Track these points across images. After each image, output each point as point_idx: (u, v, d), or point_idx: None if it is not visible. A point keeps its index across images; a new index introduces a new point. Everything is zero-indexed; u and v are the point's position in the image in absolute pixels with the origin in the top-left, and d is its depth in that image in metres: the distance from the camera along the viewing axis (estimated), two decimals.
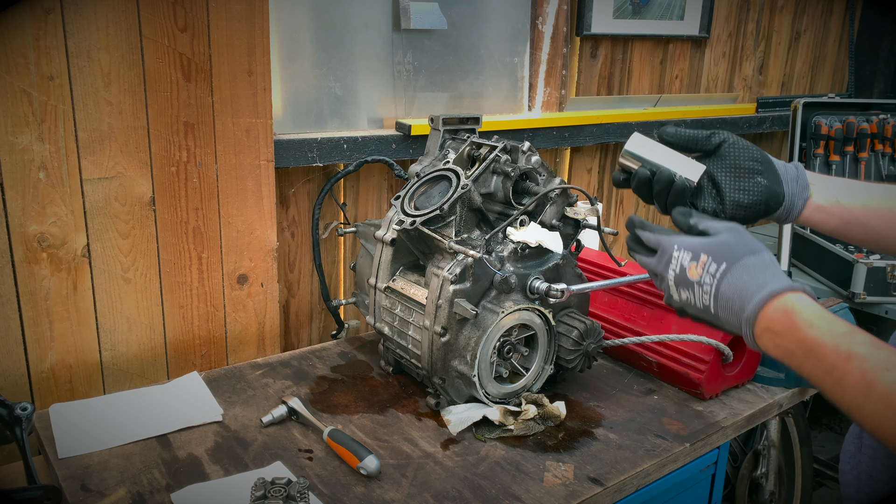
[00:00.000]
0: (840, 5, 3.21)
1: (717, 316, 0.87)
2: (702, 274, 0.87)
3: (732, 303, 0.84)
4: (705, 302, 0.88)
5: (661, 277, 0.94)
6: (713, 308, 0.87)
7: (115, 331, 1.51)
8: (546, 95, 2.24)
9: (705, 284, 0.87)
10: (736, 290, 0.84)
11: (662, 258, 0.93)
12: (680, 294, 0.91)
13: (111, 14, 1.36)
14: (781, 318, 0.80)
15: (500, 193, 1.40)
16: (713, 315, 0.88)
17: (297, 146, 1.70)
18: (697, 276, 0.88)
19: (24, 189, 1.34)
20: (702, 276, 0.87)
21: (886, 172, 2.60)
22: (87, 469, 1.17)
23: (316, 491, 1.14)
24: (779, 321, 0.80)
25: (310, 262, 1.87)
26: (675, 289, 0.92)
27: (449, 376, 1.36)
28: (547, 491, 1.16)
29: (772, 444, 2.28)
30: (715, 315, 0.87)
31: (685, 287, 0.90)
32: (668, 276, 0.92)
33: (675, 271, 0.91)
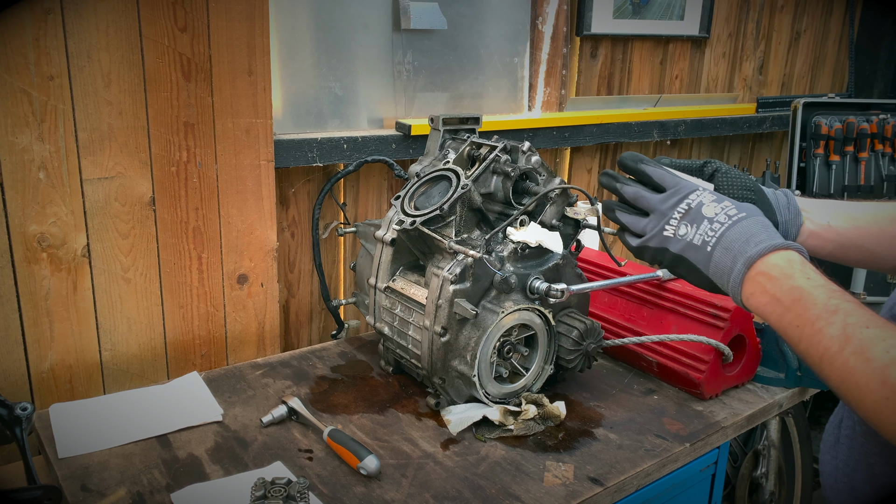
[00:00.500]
0: (840, 5, 3.21)
1: (708, 256, 0.87)
2: (718, 213, 0.88)
3: (735, 244, 0.85)
4: (707, 238, 0.87)
5: (662, 214, 0.93)
6: (711, 246, 0.87)
7: (115, 331, 1.51)
8: (546, 95, 2.24)
9: (717, 223, 0.87)
10: (746, 233, 0.85)
11: (675, 195, 0.93)
12: (678, 229, 0.91)
13: (111, 14, 1.36)
14: (780, 265, 0.82)
15: (500, 193, 1.40)
16: (704, 255, 0.88)
17: (297, 146, 1.70)
18: (713, 214, 0.88)
19: (24, 189, 1.34)
20: (717, 215, 0.88)
21: (886, 172, 2.60)
22: (87, 469, 1.17)
23: (316, 491, 1.14)
24: (777, 267, 0.82)
25: (310, 262, 1.87)
26: (676, 224, 0.91)
27: (449, 376, 1.36)
28: (547, 491, 1.16)
29: (772, 444, 2.28)
30: (707, 255, 0.87)
31: (692, 222, 0.89)
32: (675, 211, 0.91)
33: (691, 205, 0.91)
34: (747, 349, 1.49)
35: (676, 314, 1.52)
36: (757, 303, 0.83)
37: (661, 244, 0.93)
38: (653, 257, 0.95)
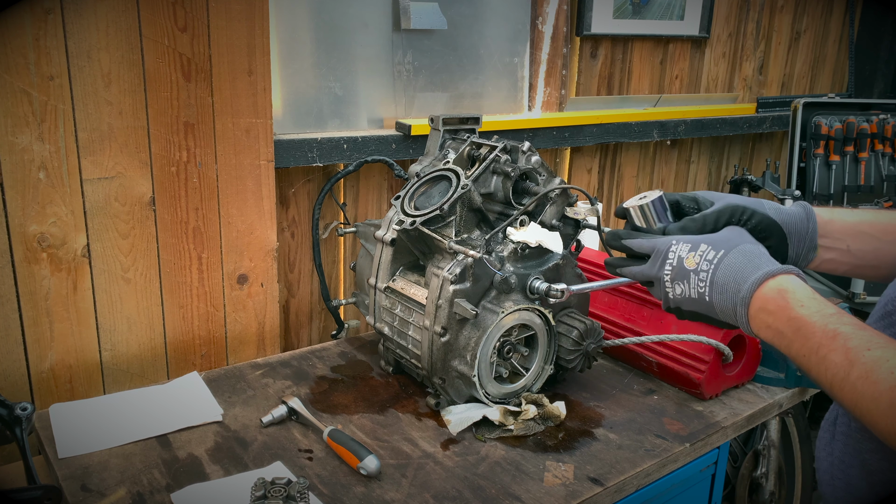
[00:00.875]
0: (840, 5, 3.21)
1: (710, 304, 0.89)
2: (699, 262, 0.90)
3: (728, 287, 0.87)
4: (700, 290, 0.89)
5: (657, 279, 0.95)
6: (708, 295, 0.89)
7: (115, 331, 1.51)
8: (546, 95, 2.24)
9: (702, 272, 0.89)
10: (732, 273, 0.87)
11: (658, 258, 0.95)
12: (675, 289, 0.93)
13: (111, 14, 1.36)
14: (775, 298, 0.82)
15: (500, 193, 1.40)
16: (707, 304, 0.89)
17: (297, 146, 1.70)
18: (695, 265, 0.90)
19: (24, 189, 1.34)
20: (699, 264, 0.90)
21: (886, 172, 2.60)
22: (87, 469, 1.17)
23: (316, 491, 1.14)
24: (772, 300, 0.82)
25: (310, 262, 1.87)
26: (670, 285, 0.93)
27: (449, 376, 1.36)
28: (547, 491, 1.16)
29: (772, 444, 2.28)
30: (709, 303, 0.89)
31: (681, 279, 0.91)
32: (664, 274, 0.93)
33: (673, 264, 0.92)
34: (747, 349, 1.49)
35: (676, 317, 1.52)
36: (765, 336, 0.85)
37: (673, 305, 0.95)
38: (680, 316, 0.97)
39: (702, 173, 2.89)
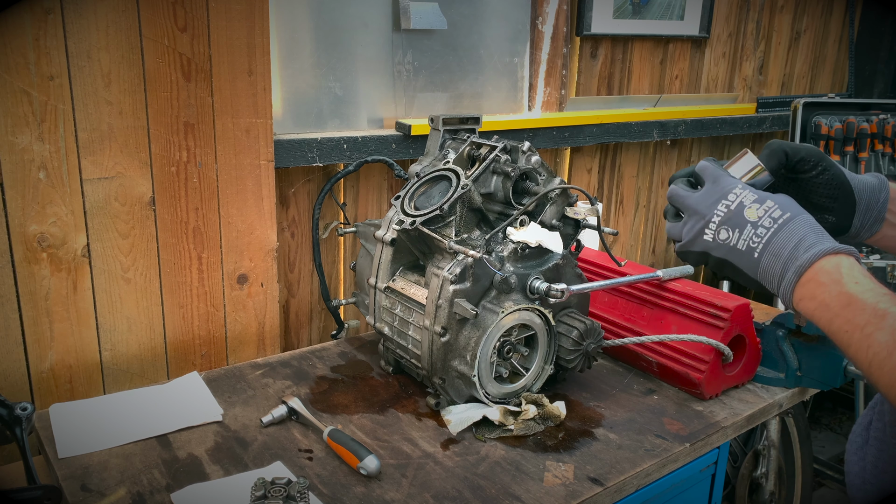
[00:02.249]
0: (840, 5, 3.21)
1: (756, 261, 0.85)
2: (762, 216, 0.86)
3: (786, 249, 0.83)
4: (753, 244, 0.85)
5: (703, 216, 0.90)
6: (759, 251, 0.85)
7: (115, 331, 1.51)
8: (546, 95, 2.24)
9: (762, 227, 0.85)
10: (796, 237, 0.83)
11: (715, 193, 0.90)
12: (718, 233, 0.88)
13: (111, 14, 1.36)
14: (830, 270, 0.80)
15: (500, 193, 1.40)
16: (752, 260, 0.86)
17: (297, 146, 1.70)
18: (757, 217, 0.86)
19: (24, 189, 1.34)
20: (761, 219, 0.86)
21: (886, 172, 2.60)
22: (87, 469, 1.17)
23: (316, 491, 1.14)
24: (826, 272, 0.80)
25: (310, 262, 1.87)
26: (716, 227, 0.88)
27: (449, 376, 1.36)
28: (547, 491, 1.16)
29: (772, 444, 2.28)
30: (755, 260, 0.85)
31: (734, 226, 0.87)
32: (715, 213, 0.89)
33: (730, 208, 0.88)
34: (747, 349, 1.49)
35: (676, 314, 1.52)
36: (806, 307, 0.82)
37: (704, 248, 0.90)
38: (696, 261, 0.93)
39: None
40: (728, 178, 0.91)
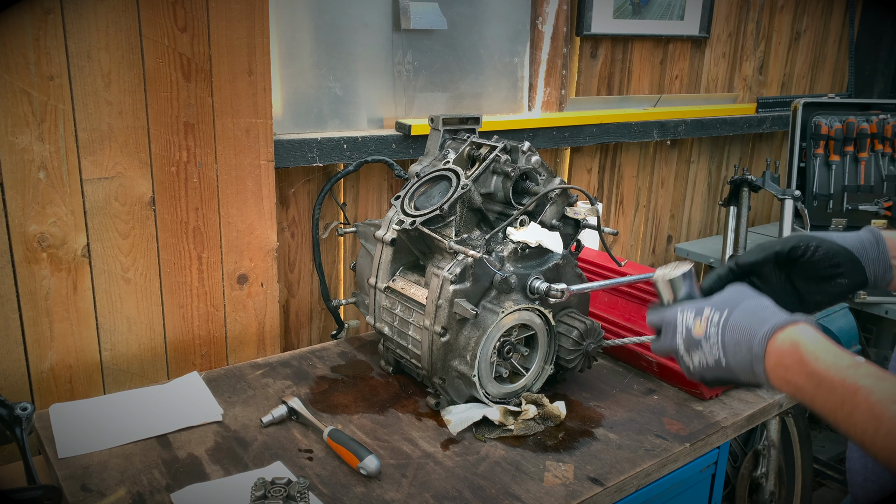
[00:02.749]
0: (840, 5, 3.21)
1: (729, 368, 0.86)
2: (706, 327, 0.87)
3: (740, 346, 0.84)
4: (715, 355, 0.86)
5: (675, 351, 0.92)
6: (724, 360, 0.86)
7: (115, 331, 1.51)
8: (546, 95, 2.24)
9: (711, 336, 0.86)
10: (740, 332, 0.84)
11: (668, 330, 0.93)
12: (693, 359, 0.90)
13: (111, 14, 1.36)
14: (789, 351, 0.79)
15: (500, 193, 1.40)
16: (726, 368, 0.86)
17: (297, 146, 1.70)
18: (703, 331, 0.87)
19: (24, 189, 1.34)
20: (707, 330, 0.87)
21: (886, 172, 2.60)
22: (87, 469, 1.17)
23: (316, 491, 1.14)
24: (787, 354, 0.80)
25: (310, 262, 1.87)
26: (687, 356, 0.90)
27: (449, 376, 1.36)
28: (547, 491, 1.16)
29: (772, 444, 2.28)
30: (727, 367, 0.86)
31: (695, 348, 0.89)
32: (678, 345, 0.91)
33: (683, 335, 0.90)
34: None
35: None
36: (788, 392, 0.81)
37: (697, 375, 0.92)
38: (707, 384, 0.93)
39: (702, 173, 2.89)
40: (669, 309, 0.93)
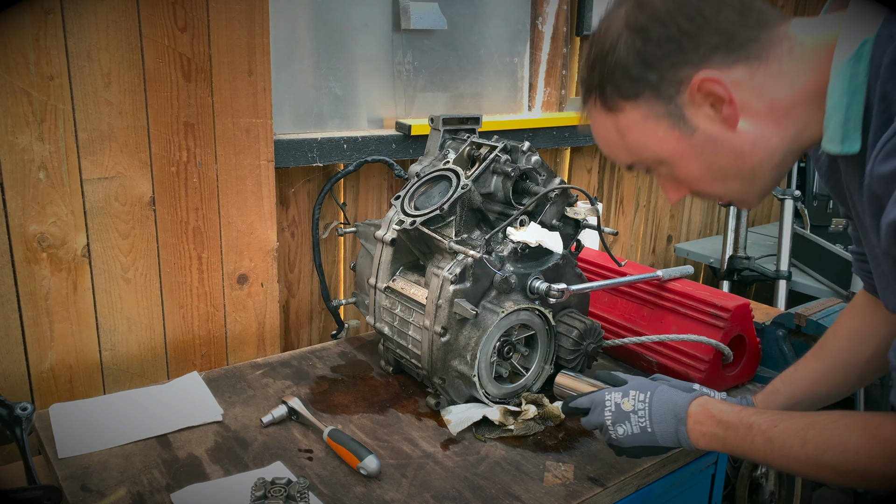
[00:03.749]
0: None
1: (653, 433, 1.06)
2: (634, 404, 1.08)
3: (665, 415, 1.05)
4: (642, 424, 1.07)
5: (601, 424, 1.12)
6: (650, 426, 1.06)
7: (115, 331, 1.51)
8: (546, 95, 2.24)
9: (639, 410, 1.08)
10: (665, 406, 1.06)
11: (597, 408, 1.13)
12: (617, 430, 1.09)
13: (111, 14, 1.36)
14: (702, 412, 1.03)
15: (500, 193, 1.40)
16: (650, 434, 1.07)
17: (297, 146, 1.70)
18: (632, 407, 1.09)
19: (24, 189, 1.34)
20: (635, 406, 1.08)
21: None
22: (87, 469, 1.17)
23: (316, 491, 1.14)
24: (701, 414, 1.03)
25: (310, 262, 1.87)
26: (612, 427, 1.10)
27: (449, 376, 1.36)
28: (547, 491, 1.16)
29: None
30: (651, 433, 1.06)
31: (622, 420, 1.09)
32: (605, 419, 1.11)
33: (612, 410, 1.10)
34: (747, 349, 1.49)
35: (676, 314, 1.52)
36: (704, 443, 1.03)
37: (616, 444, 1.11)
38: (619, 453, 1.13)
39: None
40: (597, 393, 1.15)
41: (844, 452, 0.86)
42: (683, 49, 0.85)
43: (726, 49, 0.85)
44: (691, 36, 0.85)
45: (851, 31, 0.80)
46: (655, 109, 0.89)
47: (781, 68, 0.85)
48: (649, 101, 0.89)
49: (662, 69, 0.86)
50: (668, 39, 0.85)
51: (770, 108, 0.86)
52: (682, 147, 0.90)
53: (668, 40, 0.85)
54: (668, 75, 0.87)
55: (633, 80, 0.88)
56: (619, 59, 0.88)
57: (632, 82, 0.88)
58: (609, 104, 0.92)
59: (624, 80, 0.89)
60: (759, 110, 0.86)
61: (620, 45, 0.88)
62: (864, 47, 0.79)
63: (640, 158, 0.95)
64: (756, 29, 0.85)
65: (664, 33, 0.85)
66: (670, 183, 0.97)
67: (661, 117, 0.89)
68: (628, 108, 0.90)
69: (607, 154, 0.98)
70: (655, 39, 0.86)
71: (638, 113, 0.90)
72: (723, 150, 0.89)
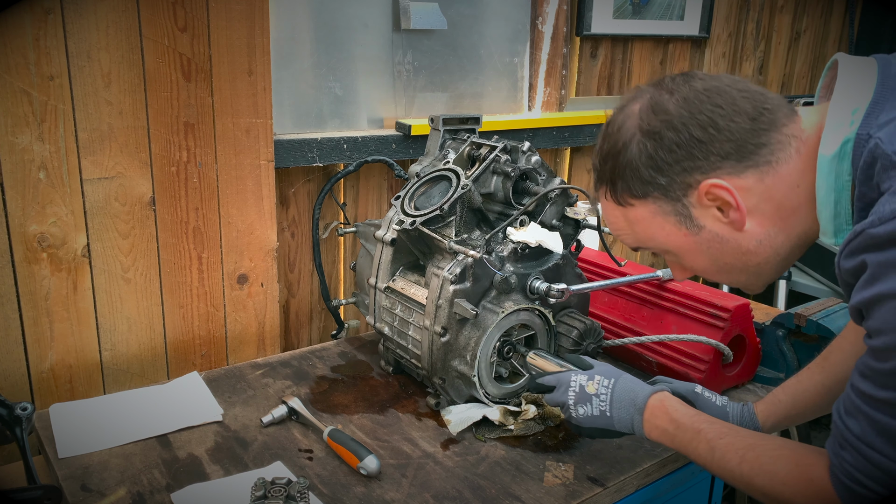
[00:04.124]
0: (840, 5, 3.21)
1: (610, 417, 1.11)
2: (598, 388, 1.13)
3: (624, 402, 1.10)
4: (602, 407, 1.11)
5: (564, 403, 1.16)
6: (609, 410, 1.11)
7: (115, 331, 1.51)
8: (546, 95, 2.24)
9: (602, 394, 1.12)
10: (626, 392, 1.11)
11: (562, 387, 1.17)
12: (578, 410, 1.13)
13: (111, 14, 1.36)
14: (659, 406, 1.08)
15: (500, 193, 1.40)
16: (607, 418, 1.11)
17: (297, 146, 1.70)
18: (595, 390, 1.13)
19: (24, 189, 1.34)
20: (598, 389, 1.12)
21: None
22: (87, 469, 1.17)
23: (316, 491, 1.14)
24: (657, 408, 1.08)
25: (310, 262, 1.87)
26: (574, 407, 1.14)
27: (449, 376, 1.36)
28: (547, 491, 1.16)
29: None
30: (609, 417, 1.11)
31: (584, 402, 1.13)
32: (568, 398, 1.15)
33: (575, 391, 1.14)
34: (747, 349, 1.49)
35: (676, 314, 1.52)
36: (655, 436, 1.08)
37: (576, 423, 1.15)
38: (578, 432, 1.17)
39: None
40: (563, 374, 1.18)
41: (773, 480, 0.91)
42: (694, 157, 0.87)
43: (737, 157, 0.86)
44: (703, 144, 0.87)
45: (833, 129, 0.83)
46: (663, 208, 0.92)
47: (789, 169, 0.87)
48: (658, 201, 0.92)
49: (673, 174, 0.89)
50: (679, 146, 0.87)
51: (777, 209, 0.89)
52: (688, 242, 0.94)
53: (680, 147, 0.87)
54: (677, 179, 0.89)
55: (643, 181, 0.91)
56: (631, 160, 0.90)
57: (642, 183, 0.91)
58: (619, 199, 0.95)
59: (634, 181, 0.91)
60: (767, 212, 0.89)
61: (633, 146, 0.90)
62: (846, 146, 0.81)
63: (647, 246, 0.99)
64: (767, 133, 0.87)
65: (676, 139, 0.87)
66: (677, 267, 1.02)
67: (669, 215, 0.92)
68: (638, 204, 0.94)
69: (616, 237, 1.02)
70: (667, 145, 0.88)
71: (646, 209, 0.93)
72: (728, 248, 0.92)
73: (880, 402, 0.77)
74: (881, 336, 0.75)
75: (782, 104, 0.89)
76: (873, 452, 0.78)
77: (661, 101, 0.89)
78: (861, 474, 0.80)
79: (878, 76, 0.83)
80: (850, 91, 0.84)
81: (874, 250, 0.74)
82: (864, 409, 0.79)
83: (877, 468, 0.78)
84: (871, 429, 0.78)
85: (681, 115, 0.87)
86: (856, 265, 0.77)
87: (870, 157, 0.78)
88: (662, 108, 0.88)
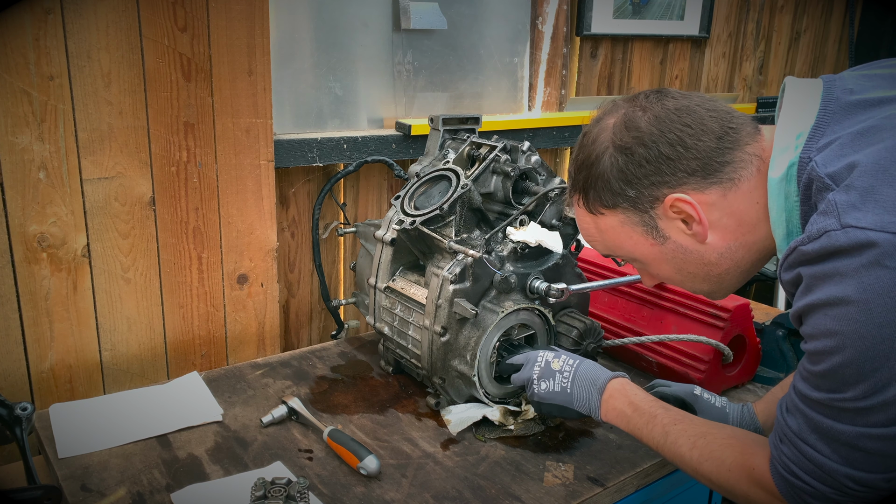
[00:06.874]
0: (840, 5, 3.21)
1: (570, 395, 1.16)
2: (562, 365, 1.19)
3: (585, 381, 1.15)
4: (564, 384, 1.17)
5: (528, 378, 1.21)
6: (570, 387, 1.16)
7: (115, 331, 1.51)
8: (546, 95, 2.24)
9: (565, 371, 1.18)
10: (589, 373, 1.16)
11: (529, 363, 1.23)
12: (540, 385, 1.19)
13: (111, 14, 1.36)
14: (618, 388, 1.13)
15: (499, 193, 1.40)
16: (567, 395, 1.16)
17: (297, 146, 1.70)
18: (559, 367, 1.19)
19: (24, 189, 1.34)
20: (562, 367, 1.18)
21: None
22: (87, 469, 1.17)
23: (316, 491, 1.14)
24: (616, 390, 1.12)
25: (310, 262, 1.87)
26: (536, 382, 1.19)
27: (449, 376, 1.36)
28: (547, 491, 1.16)
29: None
30: (569, 394, 1.16)
31: (547, 377, 1.18)
32: (533, 373, 1.20)
33: (541, 366, 1.20)
34: (747, 349, 1.49)
35: (676, 314, 1.52)
36: (611, 417, 1.12)
37: (537, 399, 1.20)
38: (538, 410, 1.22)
39: None
40: (532, 352, 1.25)
41: (720, 467, 0.96)
42: (662, 172, 0.92)
43: (702, 174, 0.92)
44: (671, 160, 0.92)
45: (779, 153, 0.89)
46: (631, 218, 0.97)
47: (749, 187, 0.92)
48: (627, 211, 0.97)
49: (641, 187, 0.94)
50: (649, 161, 0.92)
51: (738, 223, 0.94)
52: (654, 251, 0.99)
53: (649, 162, 0.92)
54: (645, 192, 0.94)
55: (613, 193, 0.96)
56: (603, 172, 0.96)
57: (612, 195, 0.96)
58: (590, 207, 1.00)
59: (605, 192, 0.97)
60: (728, 226, 0.94)
61: (605, 159, 0.96)
62: (791, 169, 0.87)
63: (616, 253, 1.05)
64: (731, 152, 0.92)
65: (646, 155, 0.92)
66: (645, 274, 1.08)
67: (636, 225, 0.98)
68: (608, 213, 0.99)
69: (587, 242, 1.08)
70: (637, 160, 0.93)
71: (615, 219, 0.99)
72: (691, 258, 0.98)
73: (815, 402, 0.83)
74: (814, 341, 0.81)
75: (747, 123, 0.94)
76: (808, 448, 0.84)
77: (634, 117, 0.94)
78: (797, 467, 0.86)
79: (822, 99, 0.89)
80: (795, 115, 0.89)
81: (807, 264, 0.80)
82: (801, 407, 0.85)
83: (811, 462, 0.84)
84: (807, 426, 0.84)
85: (651, 133, 0.92)
86: (793, 277, 0.83)
87: (807, 179, 0.85)
88: (635, 125, 0.94)
